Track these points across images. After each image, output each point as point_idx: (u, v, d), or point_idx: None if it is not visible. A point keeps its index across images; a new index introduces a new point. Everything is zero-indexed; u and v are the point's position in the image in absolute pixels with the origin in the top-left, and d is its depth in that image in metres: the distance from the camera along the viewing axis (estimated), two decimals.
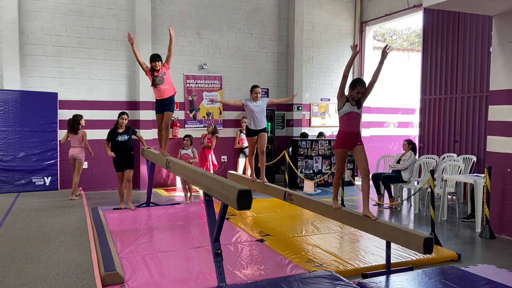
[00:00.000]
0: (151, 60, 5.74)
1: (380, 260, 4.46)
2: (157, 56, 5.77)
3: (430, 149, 8.68)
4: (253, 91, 5.98)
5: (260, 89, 6.03)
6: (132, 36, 5.71)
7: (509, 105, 5.45)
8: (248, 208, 3.18)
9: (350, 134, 4.43)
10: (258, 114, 5.91)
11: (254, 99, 5.95)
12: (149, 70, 5.77)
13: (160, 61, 5.74)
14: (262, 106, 5.97)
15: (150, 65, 5.75)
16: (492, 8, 5.34)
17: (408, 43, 22.09)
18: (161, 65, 5.75)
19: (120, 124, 6.72)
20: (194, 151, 7.80)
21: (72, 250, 4.33)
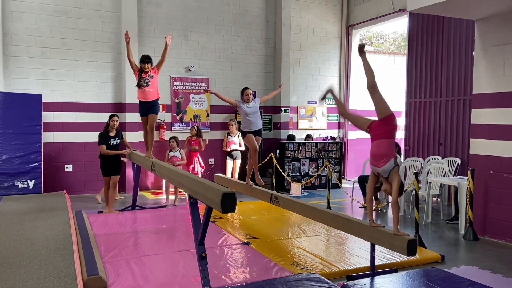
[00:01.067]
0: (141, 61, 5.69)
1: (365, 262, 4.48)
2: (148, 57, 5.72)
3: (416, 152, 8.76)
4: (244, 93, 5.93)
5: (250, 90, 5.98)
6: (129, 35, 5.65)
7: (491, 108, 5.54)
8: (232, 211, 3.16)
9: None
10: (252, 116, 5.85)
11: (246, 101, 5.90)
12: (138, 70, 5.73)
13: (150, 63, 5.69)
14: (255, 107, 5.92)
15: (139, 66, 5.72)
16: (475, 13, 5.43)
17: (394, 46, 22.35)
18: (150, 68, 5.71)
19: (111, 126, 6.61)
20: (182, 152, 7.77)
21: (54, 254, 4.26)
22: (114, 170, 6.66)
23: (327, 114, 11.05)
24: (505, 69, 5.35)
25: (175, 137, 7.92)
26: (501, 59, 5.40)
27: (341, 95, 11.13)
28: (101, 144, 6.55)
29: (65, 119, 8.41)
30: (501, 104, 5.41)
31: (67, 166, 8.46)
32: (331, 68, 10.99)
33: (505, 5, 4.99)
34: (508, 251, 5.10)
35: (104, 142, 6.55)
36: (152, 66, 5.73)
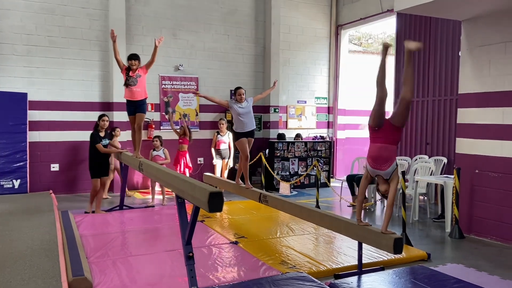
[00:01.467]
0: (128, 59, 5.65)
1: (352, 261, 4.50)
2: (135, 55, 5.66)
3: (403, 151, 8.83)
4: (236, 92, 5.75)
5: (243, 90, 5.78)
6: (115, 34, 5.59)
7: (477, 108, 5.60)
8: (219, 211, 3.14)
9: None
10: (244, 116, 5.70)
11: (238, 101, 5.75)
12: (125, 69, 5.66)
13: (137, 60, 5.62)
14: (248, 107, 5.75)
15: (127, 64, 5.65)
16: (461, 14, 5.48)
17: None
18: (138, 66, 5.64)
19: (101, 126, 6.48)
20: (166, 152, 7.71)
21: (39, 255, 4.19)
22: (104, 171, 6.57)
23: (316, 114, 11.09)
24: (490, 69, 5.42)
25: (159, 136, 7.88)
26: (486, 59, 5.46)
27: (330, 95, 11.18)
28: (97, 143, 6.38)
29: (51, 118, 8.31)
30: (486, 104, 5.48)
31: (54, 165, 8.36)
32: (320, 68, 11.03)
33: (490, 6, 5.05)
34: (493, 249, 5.17)
35: (99, 141, 6.42)
36: (140, 63, 5.66)
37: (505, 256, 4.92)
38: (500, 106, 5.31)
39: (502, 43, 5.26)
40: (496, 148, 5.37)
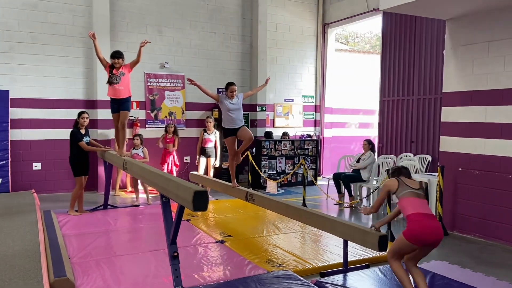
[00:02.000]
0: (111, 57, 5.55)
1: (338, 259, 4.51)
2: (118, 53, 5.57)
3: (389, 149, 8.90)
4: (228, 89, 5.61)
5: (236, 87, 5.63)
6: (92, 31, 5.55)
7: (461, 106, 5.67)
8: (204, 209, 3.11)
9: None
10: (234, 113, 5.60)
11: (229, 97, 5.61)
12: (109, 66, 5.58)
13: (121, 58, 5.53)
14: (238, 103, 5.64)
15: (110, 62, 5.57)
16: (445, 13, 5.53)
17: (370, 46, 22.69)
18: (122, 64, 5.56)
19: (81, 124, 6.34)
20: (145, 150, 7.63)
21: (20, 256, 4.10)
22: (86, 169, 6.47)
23: (303, 112, 11.11)
24: (473, 68, 5.48)
25: (140, 134, 7.81)
26: (470, 59, 5.53)
27: (317, 93, 11.21)
28: (80, 141, 6.26)
29: (34, 115, 8.15)
30: (469, 102, 5.55)
31: (36, 164, 8.20)
32: (307, 66, 11.04)
33: (473, 5, 5.11)
34: (476, 246, 5.24)
35: (82, 138, 6.30)
36: (123, 61, 5.58)
37: (488, 252, 4.99)
38: (483, 105, 5.38)
39: (485, 42, 5.33)
40: (479, 146, 5.44)
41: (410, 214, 3.30)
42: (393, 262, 3.42)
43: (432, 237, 3.25)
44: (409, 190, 3.42)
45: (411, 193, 3.40)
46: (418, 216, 3.27)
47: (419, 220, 3.25)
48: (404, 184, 3.46)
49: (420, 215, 3.27)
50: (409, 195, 3.39)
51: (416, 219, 3.26)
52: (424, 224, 3.24)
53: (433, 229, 3.25)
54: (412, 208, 3.32)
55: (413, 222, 3.27)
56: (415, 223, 3.25)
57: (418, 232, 3.23)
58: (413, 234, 3.24)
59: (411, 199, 3.36)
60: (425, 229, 3.23)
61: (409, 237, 3.26)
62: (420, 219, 3.25)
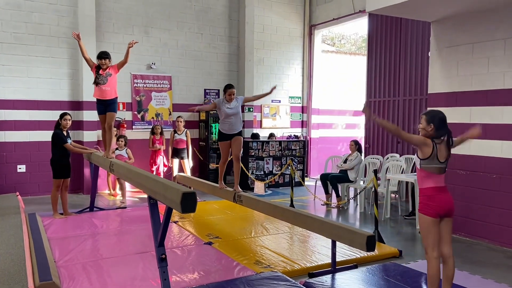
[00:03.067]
0: (98, 57, 5.45)
1: (326, 259, 4.53)
2: (105, 53, 5.47)
3: (375, 150, 8.99)
4: (226, 91, 5.42)
5: (234, 89, 5.46)
6: (77, 32, 5.48)
7: (446, 107, 5.73)
8: (192, 211, 3.09)
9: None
10: (232, 118, 5.40)
11: (228, 101, 5.43)
12: (95, 67, 5.50)
13: (107, 59, 5.44)
14: (237, 107, 5.44)
15: (97, 62, 5.49)
16: (430, 15, 5.61)
17: (355, 47, 22.89)
18: (109, 64, 5.48)
19: (63, 126, 6.21)
20: (129, 152, 7.57)
21: (4, 260, 4.02)
22: (68, 172, 6.34)
23: (290, 113, 11.14)
24: (458, 70, 5.57)
25: (124, 136, 7.75)
26: (454, 60, 5.61)
27: (304, 94, 11.25)
28: (65, 142, 6.11)
29: (18, 117, 8.01)
30: (454, 103, 5.63)
31: (20, 166, 8.06)
32: (294, 67, 11.08)
33: (457, 7, 5.19)
34: (461, 245, 5.31)
35: (66, 140, 6.18)
36: (110, 62, 5.51)
37: (473, 252, 5.07)
38: (467, 106, 5.47)
39: (469, 44, 5.41)
40: (464, 146, 5.46)
41: (427, 187, 3.30)
42: (430, 259, 3.30)
43: (444, 207, 3.27)
44: (438, 165, 3.27)
45: (438, 169, 3.28)
46: (433, 190, 3.27)
47: (436, 193, 3.26)
48: (435, 156, 3.26)
49: (435, 189, 3.27)
50: (434, 170, 3.27)
51: (432, 192, 3.27)
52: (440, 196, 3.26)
53: (446, 200, 3.28)
54: (431, 182, 3.28)
55: (427, 196, 3.29)
56: (432, 196, 3.26)
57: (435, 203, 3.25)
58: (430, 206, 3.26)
59: (434, 175, 3.28)
60: (440, 201, 3.25)
61: (426, 211, 3.27)
62: (436, 192, 3.26)
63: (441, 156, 3.29)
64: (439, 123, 3.30)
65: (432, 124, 3.29)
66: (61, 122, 6.21)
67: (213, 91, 10.02)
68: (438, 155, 3.27)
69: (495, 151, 5.23)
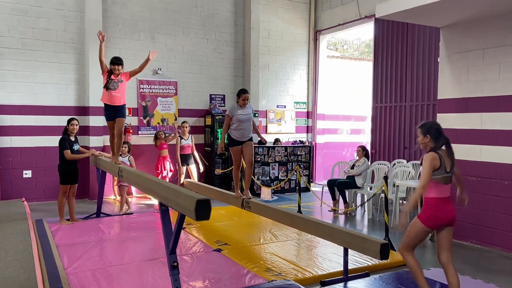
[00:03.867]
0: (111, 63, 5.40)
1: (337, 267, 4.48)
2: (119, 59, 5.44)
3: (382, 156, 8.94)
4: (240, 96, 5.32)
5: (248, 95, 5.36)
6: (103, 34, 5.44)
7: (456, 113, 5.71)
8: (206, 219, 3.07)
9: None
10: (244, 124, 5.33)
11: (241, 106, 5.33)
12: (107, 72, 5.42)
13: (121, 65, 5.42)
14: (249, 114, 5.39)
15: (109, 67, 5.45)
16: (441, 20, 5.59)
17: (358, 53, 22.90)
18: (121, 71, 5.44)
19: (71, 131, 6.17)
20: (131, 159, 7.49)
21: (14, 267, 3.98)
22: (75, 178, 6.30)
23: (295, 118, 11.11)
24: (469, 76, 5.54)
25: (127, 142, 7.67)
26: (465, 66, 5.58)
27: (309, 99, 11.23)
28: (66, 149, 6.08)
29: (24, 122, 8.00)
30: (465, 109, 5.59)
31: (26, 172, 8.04)
32: (299, 72, 11.06)
33: (468, 13, 5.16)
34: (473, 252, 5.25)
35: (69, 147, 6.13)
36: (123, 68, 5.49)
37: (485, 259, 5.01)
38: (478, 112, 5.43)
39: (480, 49, 5.39)
40: (475, 152, 5.48)
41: (432, 198, 3.34)
42: (407, 254, 3.44)
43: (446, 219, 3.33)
44: (444, 175, 3.32)
45: (444, 179, 3.34)
46: (437, 201, 3.32)
47: (440, 205, 3.31)
48: (443, 166, 3.31)
49: (440, 200, 3.32)
50: (441, 180, 3.32)
51: (437, 204, 3.32)
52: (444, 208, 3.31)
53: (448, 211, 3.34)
54: (436, 192, 3.33)
55: (432, 206, 3.33)
56: (435, 207, 3.32)
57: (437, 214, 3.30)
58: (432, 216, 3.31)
59: (440, 185, 3.32)
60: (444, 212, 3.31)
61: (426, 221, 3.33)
62: (441, 204, 3.31)
63: (447, 165, 3.35)
64: (435, 133, 3.39)
65: (428, 135, 3.39)
66: (68, 127, 6.20)
67: (218, 96, 10.01)
68: (446, 165, 3.33)
69: (507, 158, 5.18)
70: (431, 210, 3.33)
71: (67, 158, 6.10)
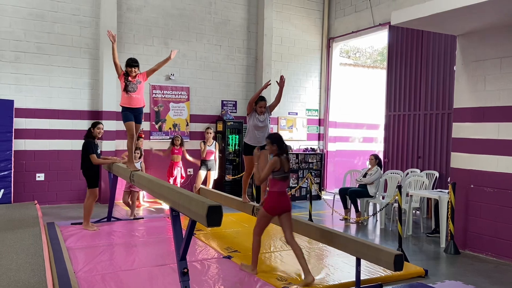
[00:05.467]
0: (127, 65, 5.25)
1: (349, 277, 4.40)
2: (135, 61, 5.29)
3: (394, 164, 8.83)
4: (257, 104, 5.27)
5: (265, 102, 5.28)
6: (113, 34, 5.28)
7: (472, 122, 5.61)
8: (218, 225, 3.03)
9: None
10: (260, 131, 5.29)
11: (258, 113, 5.29)
12: (123, 74, 5.28)
13: (137, 67, 5.29)
14: (265, 121, 5.33)
15: (125, 69, 5.29)
16: (457, 28, 5.51)
17: (371, 60, 22.80)
18: (138, 72, 5.32)
19: (96, 135, 6.13)
20: (143, 165, 7.50)
21: (25, 270, 3.99)
22: (98, 181, 6.28)
23: (307, 126, 11.06)
24: (485, 85, 5.44)
25: (139, 148, 7.66)
26: (481, 75, 5.49)
27: (321, 107, 11.18)
28: (92, 153, 6.01)
29: (38, 126, 8.08)
30: (481, 118, 5.49)
31: (39, 175, 8.10)
32: (312, 79, 11.02)
33: (485, 21, 5.09)
34: (489, 265, 5.13)
35: (96, 151, 6.09)
36: (139, 70, 5.36)
37: (502, 272, 4.88)
38: (495, 121, 5.32)
39: (497, 58, 5.30)
40: (492, 163, 5.37)
41: (273, 191, 4.40)
42: (256, 236, 4.55)
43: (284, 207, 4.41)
44: (283, 175, 4.39)
45: (283, 178, 4.40)
46: (277, 194, 4.39)
47: (277, 197, 4.38)
48: (282, 169, 4.38)
49: (278, 193, 4.40)
50: (280, 179, 4.39)
51: (275, 196, 4.38)
52: (279, 199, 4.39)
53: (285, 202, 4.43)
54: (277, 188, 4.39)
55: (272, 197, 4.40)
56: (273, 199, 4.39)
57: (274, 204, 4.38)
58: (271, 206, 4.39)
59: (280, 182, 4.39)
60: (279, 202, 4.39)
61: (268, 209, 4.40)
62: (277, 196, 4.39)
63: (286, 168, 4.40)
64: (278, 142, 4.43)
65: (275, 144, 4.41)
66: (93, 131, 6.14)
67: (230, 103, 10.01)
68: (284, 168, 4.38)
69: None
70: (273, 202, 4.37)
71: (94, 162, 6.05)
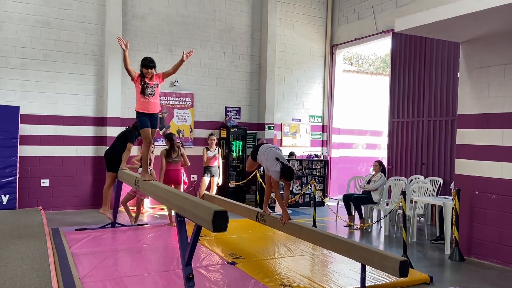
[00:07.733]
0: (143, 66, 4.79)
1: (353, 283, 4.39)
2: (152, 61, 4.83)
3: (398, 171, 8.82)
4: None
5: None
6: (125, 41, 4.89)
7: (476, 129, 5.61)
8: (223, 230, 3.04)
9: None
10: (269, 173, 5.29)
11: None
12: (138, 76, 4.84)
13: (154, 68, 4.84)
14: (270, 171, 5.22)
15: (140, 71, 4.87)
16: (461, 35, 5.54)
17: (374, 67, 22.85)
18: (154, 74, 4.86)
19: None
20: (153, 172, 7.48)
21: (30, 275, 4.01)
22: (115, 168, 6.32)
23: (310, 132, 11.07)
24: (489, 91, 5.45)
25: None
26: (485, 81, 5.50)
27: (324, 113, 11.20)
28: (132, 142, 6.34)
29: (43, 132, 8.14)
30: (485, 125, 5.49)
31: (44, 181, 8.14)
32: (315, 86, 11.06)
33: (489, 28, 5.11)
34: (494, 272, 5.10)
35: (133, 143, 6.41)
36: (155, 71, 4.91)
37: (507, 279, 4.86)
38: (499, 128, 5.32)
39: (501, 65, 5.31)
40: (496, 169, 5.36)
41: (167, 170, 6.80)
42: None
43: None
44: (173, 159, 6.82)
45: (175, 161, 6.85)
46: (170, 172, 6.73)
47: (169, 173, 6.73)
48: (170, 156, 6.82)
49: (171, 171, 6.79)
50: (173, 162, 6.83)
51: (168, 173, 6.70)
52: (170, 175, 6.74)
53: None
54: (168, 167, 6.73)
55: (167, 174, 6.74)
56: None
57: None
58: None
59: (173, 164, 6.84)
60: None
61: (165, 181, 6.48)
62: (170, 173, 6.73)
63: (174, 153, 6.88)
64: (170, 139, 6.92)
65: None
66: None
67: (234, 109, 10.05)
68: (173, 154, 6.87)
69: None
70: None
71: (128, 149, 6.26)
